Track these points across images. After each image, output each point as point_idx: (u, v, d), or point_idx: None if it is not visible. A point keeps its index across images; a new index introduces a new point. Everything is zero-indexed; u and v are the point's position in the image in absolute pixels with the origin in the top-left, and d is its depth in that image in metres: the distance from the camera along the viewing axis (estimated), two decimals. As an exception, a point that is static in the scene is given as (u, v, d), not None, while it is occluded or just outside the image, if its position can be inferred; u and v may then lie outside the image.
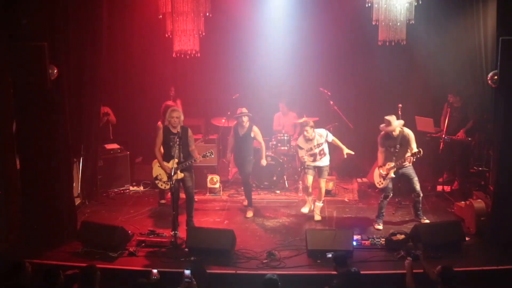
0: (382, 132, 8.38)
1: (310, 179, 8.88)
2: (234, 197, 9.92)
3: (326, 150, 8.88)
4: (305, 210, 8.97)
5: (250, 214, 8.96)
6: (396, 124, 8.23)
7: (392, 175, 8.34)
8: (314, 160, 8.81)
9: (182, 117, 8.25)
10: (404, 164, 8.23)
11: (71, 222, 8.29)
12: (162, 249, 7.79)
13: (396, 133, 8.24)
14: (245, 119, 8.99)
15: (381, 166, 8.44)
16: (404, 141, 8.26)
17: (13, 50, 7.52)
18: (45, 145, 7.91)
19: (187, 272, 5.88)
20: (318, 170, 8.89)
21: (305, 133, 8.68)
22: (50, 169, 7.97)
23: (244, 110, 9.02)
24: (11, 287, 5.90)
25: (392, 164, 8.29)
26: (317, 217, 8.81)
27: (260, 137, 9.16)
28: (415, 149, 8.19)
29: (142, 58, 11.04)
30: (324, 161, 8.88)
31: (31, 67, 7.46)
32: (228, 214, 9.09)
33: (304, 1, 10.71)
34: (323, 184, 8.90)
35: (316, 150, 8.77)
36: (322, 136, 8.82)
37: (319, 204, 8.86)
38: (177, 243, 7.81)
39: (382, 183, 8.49)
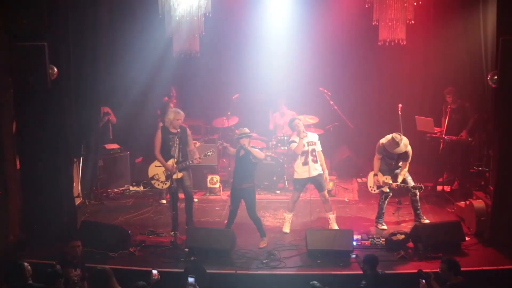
0: (384, 142, 8.31)
1: (298, 196, 8.42)
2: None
3: (317, 157, 8.29)
4: (286, 230, 8.39)
5: (264, 243, 7.95)
6: (402, 147, 8.12)
7: (386, 190, 8.35)
8: (306, 164, 8.21)
9: (182, 119, 8.39)
10: (397, 180, 8.27)
11: (71, 222, 8.29)
12: (162, 249, 7.79)
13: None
14: (246, 141, 7.88)
15: (376, 175, 8.42)
16: (404, 157, 8.26)
17: (13, 50, 7.52)
18: (45, 145, 7.91)
19: (191, 280, 5.89)
20: (316, 184, 8.39)
21: (297, 126, 8.14)
22: (50, 169, 7.97)
23: (246, 130, 7.99)
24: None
25: (390, 181, 8.30)
26: (336, 226, 8.37)
27: (258, 152, 7.99)
28: (412, 183, 8.29)
29: (142, 58, 11.01)
30: (317, 168, 8.28)
31: (31, 67, 7.46)
32: (228, 214, 9.08)
33: (304, 1, 10.71)
34: (326, 194, 8.39)
35: (308, 148, 8.20)
36: (315, 136, 8.35)
37: (333, 216, 8.39)
38: (177, 243, 7.81)
39: (375, 191, 8.51)
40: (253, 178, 8.06)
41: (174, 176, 8.13)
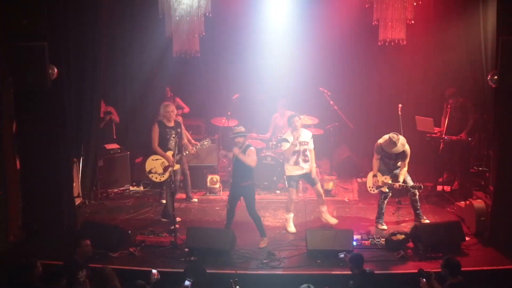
0: (381, 142, 8.31)
1: (294, 192, 8.52)
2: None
3: (309, 156, 8.38)
4: (292, 229, 8.46)
5: (264, 243, 7.94)
6: (399, 147, 8.13)
7: (386, 190, 8.35)
8: (296, 163, 8.31)
9: (175, 111, 8.79)
10: (398, 178, 8.25)
11: (71, 222, 8.29)
12: (162, 249, 7.79)
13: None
14: (241, 139, 7.92)
15: (375, 175, 8.43)
16: (402, 156, 8.25)
17: (13, 50, 7.52)
18: (45, 145, 7.92)
19: (187, 283, 5.90)
20: (308, 179, 8.52)
21: (296, 123, 8.26)
22: (50, 169, 7.98)
23: (241, 128, 8.04)
24: (21, 285, 5.91)
25: (390, 181, 8.29)
26: (333, 220, 8.52)
27: (251, 159, 7.89)
28: (411, 182, 8.29)
29: (142, 57, 11.01)
30: (308, 167, 8.39)
31: (31, 67, 7.46)
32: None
33: (304, 1, 10.70)
34: (320, 188, 8.53)
35: (300, 148, 8.29)
36: (308, 135, 8.43)
37: (325, 208, 8.56)
38: (177, 243, 7.81)
39: (374, 191, 8.51)
40: (252, 176, 8.06)
41: (175, 167, 8.41)
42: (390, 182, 8.31)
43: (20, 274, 5.94)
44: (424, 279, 6.03)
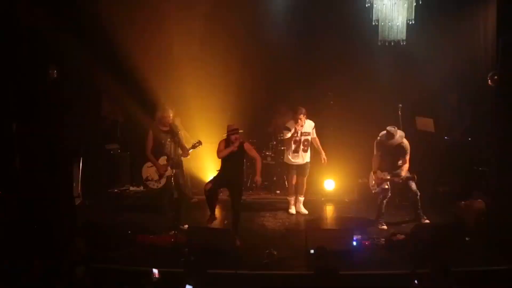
0: (380, 137, 8.34)
1: (291, 177, 9.19)
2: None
3: (308, 146, 9.01)
4: (293, 210, 9.23)
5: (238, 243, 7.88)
6: (398, 138, 8.23)
7: (386, 186, 8.36)
8: (296, 152, 8.92)
9: (171, 116, 8.43)
10: (399, 175, 8.26)
11: (71, 222, 8.27)
12: (162, 249, 7.78)
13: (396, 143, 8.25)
14: (237, 136, 8.01)
15: (375, 172, 8.44)
16: (401, 152, 8.26)
17: (13, 50, 7.52)
18: (45, 145, 7.91)
19: (189, 287, 5.91)
20: (300, 168, 9.10)
21: (300, 117, 8.87)
22: (50, 169, 7.97)
23: (234, 126, 8.11)
24: None
25: (388, 176, 8.30)
26: (304, 210, 9.21)
27: (253, 152, 8.20)
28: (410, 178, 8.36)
29: (143, 57, 10.97)
30: (306, 158, 9.05)
31: (31, 67, 7.46)
32: (228, 214, 9.08)
33: (304, 1, 10.69)
34: (304, 181, 9.19)
35: (301, 138, 8.90)
36: (311, 126, 9.02)
37: (302, 199, 9.25)
38: (177, 243, 7.80)
39: (375, 189, 8.51)
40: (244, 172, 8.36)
41: (167, 173, 8.22)
42: (388, 177, 8.30)
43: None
44: (416, 281, 5.99)
